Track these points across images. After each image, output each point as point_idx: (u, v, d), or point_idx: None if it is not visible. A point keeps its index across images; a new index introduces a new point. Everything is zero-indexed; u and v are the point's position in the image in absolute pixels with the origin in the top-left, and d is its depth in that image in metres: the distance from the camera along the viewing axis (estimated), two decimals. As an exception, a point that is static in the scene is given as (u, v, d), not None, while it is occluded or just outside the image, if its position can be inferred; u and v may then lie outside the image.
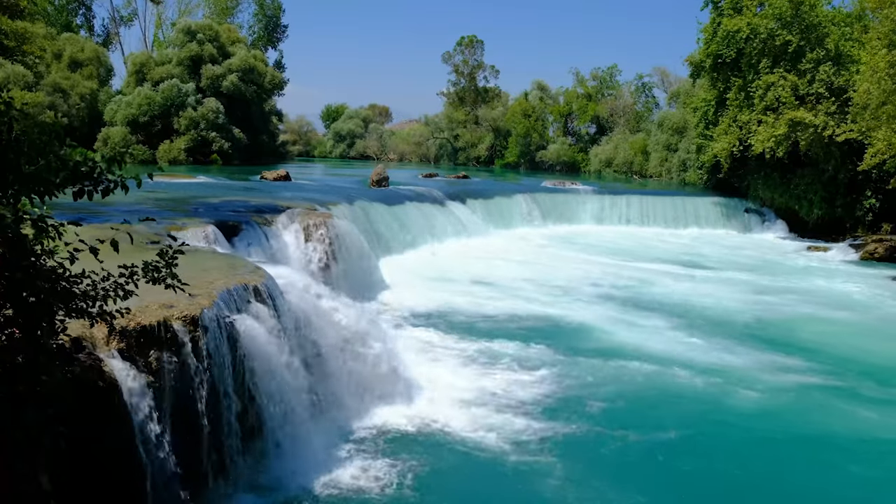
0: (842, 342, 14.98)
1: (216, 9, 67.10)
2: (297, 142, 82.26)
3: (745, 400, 11.32)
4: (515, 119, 67.47)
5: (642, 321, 16.04)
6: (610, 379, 12.02)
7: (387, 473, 8.39)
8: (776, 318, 16.84)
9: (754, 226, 34.28)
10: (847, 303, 19.20)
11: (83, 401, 5.65)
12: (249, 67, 52.30)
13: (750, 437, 10.09)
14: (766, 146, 30.95)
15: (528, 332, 14.56)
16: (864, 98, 25.28)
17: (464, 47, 74.21)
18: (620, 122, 63.51)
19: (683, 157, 47.39)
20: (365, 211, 22.23)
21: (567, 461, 8.92)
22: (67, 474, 5.49)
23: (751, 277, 22.11)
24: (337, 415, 9.56)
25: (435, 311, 15.86)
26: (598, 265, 23.10)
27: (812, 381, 12.34)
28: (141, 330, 6.62)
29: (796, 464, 9.39)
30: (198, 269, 8.68)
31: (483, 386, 11.31)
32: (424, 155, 76.23)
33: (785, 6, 31.09)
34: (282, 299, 9.32)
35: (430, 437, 9.48)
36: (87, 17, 65.08)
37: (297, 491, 7.94)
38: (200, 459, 7.16)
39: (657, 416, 10.60)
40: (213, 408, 7.30)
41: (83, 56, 51.30)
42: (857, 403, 11.40)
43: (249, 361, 7.99)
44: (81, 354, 5.94)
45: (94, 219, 12.57)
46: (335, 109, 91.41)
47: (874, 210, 30.71)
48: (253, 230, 15.10)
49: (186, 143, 48.02)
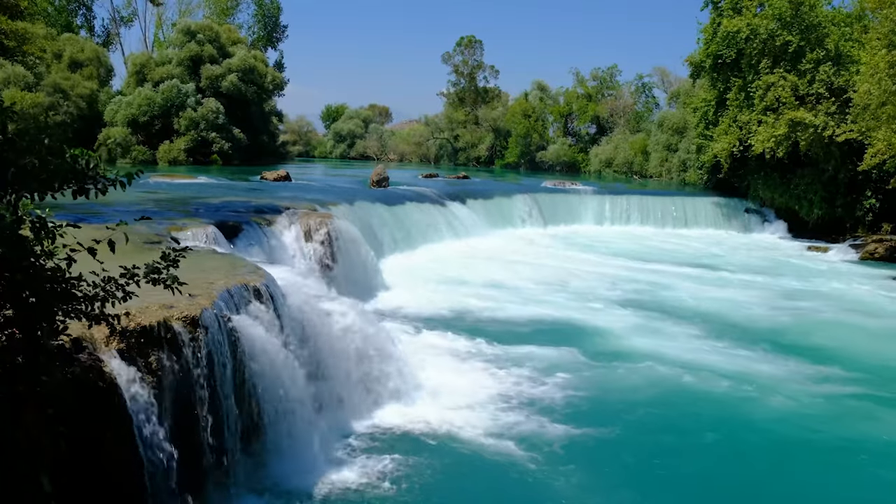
0: (857, 345, 14.90)
1: (216, 9, 67.15)
2: (298, 142, 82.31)
3: (768, 404, 11.19)
4: (515, 119, 67.51)
5: (650, 322, 16.01)
6: (619, 381, 11.97)
7: (387, 474, 8.37)
8: (786, 320, 16.80)
9: (754, 226, 34.28)
10: (857, 305, 19.12)
11: (83, 401, 5.65)
12: (249, 68, 52.31)
13: (772, 441, 9.99)
14: (766, 146, 30.95)
15: (530, 333, 14.56)
16: (864, 98, 25.28)
17: (463, 47, 74.29)
18: (620, 123, 63.54)
19: (683, 158, 47.40)
20: (365, 211, 22.22)
21: (574, 465, 8.85)
22: (68, 475, 5.48)
23: (757, 278, 22.11)
24: (337, 415, 9.55)
25: (435, 311, 15.85)
26: (599, 266, 23.11)
27: (834, 385, 12.22)
28: (141, 330, 6.61)
29: (821, 468, 9.30)
30: (198, 270, 8.68)
31: (485, 387, 11.29)
32: (424, 155, 76.26)
33: (785, 6, 31.09)
34: (282, 300, 9.32)
35: (430, 437, 9.46)
36: (88, 17, 65.15)
37: (297, 491, 7.93)
38: (200, 459, 7.16)
39: (676, 420, 10.53)
40: (213, 408, 7.30)
41: (83, 56, 51.31)
42: (883, 408, 11.31)
43: (249, 361, 7.99)
44: (82, 355, 5.93)
45: (94, 219, 12.58)
46: (335, 109, 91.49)
47: (874, 210, 30.72)
48: (253, 230, 15.10)
49: (186, 143, 48.00)
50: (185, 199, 19.21)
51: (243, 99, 51.96)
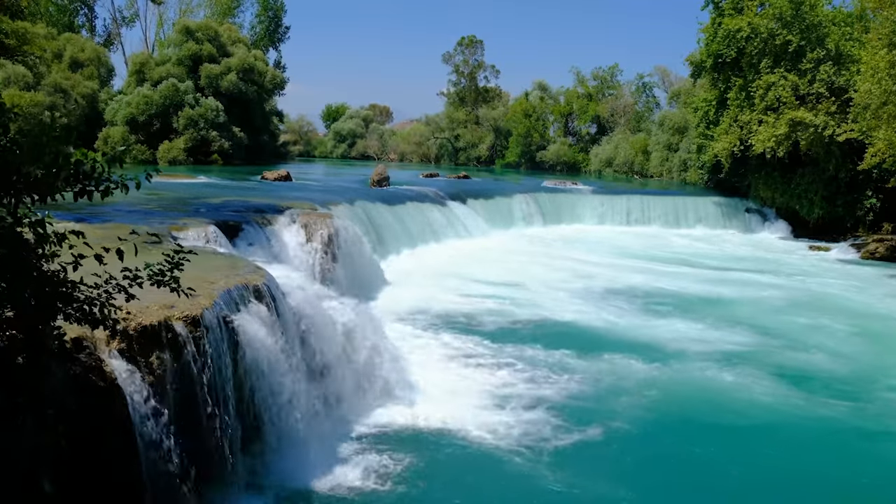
0: (858, 345, 14.90)
1: (217, 9, 67.08)
2: (298, 142, 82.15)
3: (768, 403, 11.22)
4: (516, 119, 67.47)
5: (650, 322, 16.02)
6: (619, 380, 11.97)
7: (388, 473, 8.38)
8: (787, 320, 16.80)
9: (755, 225, 34.29)
10: (857, 305, 19.10)
11: (84, 401, 5.66)
12: (249, 67, 52.21)
13: (773, 439, 10.05)
14: (766, 146, 30.95)
15: (531, 332, 14.56)
16: (864, 98, 25.27)
17: (464, 47, 74.20)
18: (621, 122, 63.52)
19: (684, 157, 47.39)
20: (366, 211, 22.23)
21: (574, 464, 8.87)
22: (69, 475, 5.49)
23: (758, 278, 22.13)
24: (338, 415, 9.56)
25: (435, 311, 15.85)
26: (599, 265, 23.11)
27: (834, 386, 12.22)
28: (142, 330, 6.62)
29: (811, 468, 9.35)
30: (199, 269, 8.66)
31: (485, 386, 11.30)
32: (425, 155, 76.19)
33: (785, 6, 31.08)
34: (282, 299, 9.32)
35: (431, 436, 9.47)
36: (89, 17, 65.12)
37: (297, 491, 7.94)
38: (201, 459, 7.16)
39: (677, 420, 10.55)
40: (213, 408, 7.30)
41: (84, 56, 51.28)
42: (883, 406, 11.34)
43: (250, 361, 8.00)
44: (82, 355, 5.93)
45: (95, 219, 12.59)
46: (336, 109, 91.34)
47: (875, 210, 30.73)
48: (254, 230, 15.11)
49: (186, 142, 47.90)
50: (186, 199, 19.20)
51: (243, 98, 51.89)
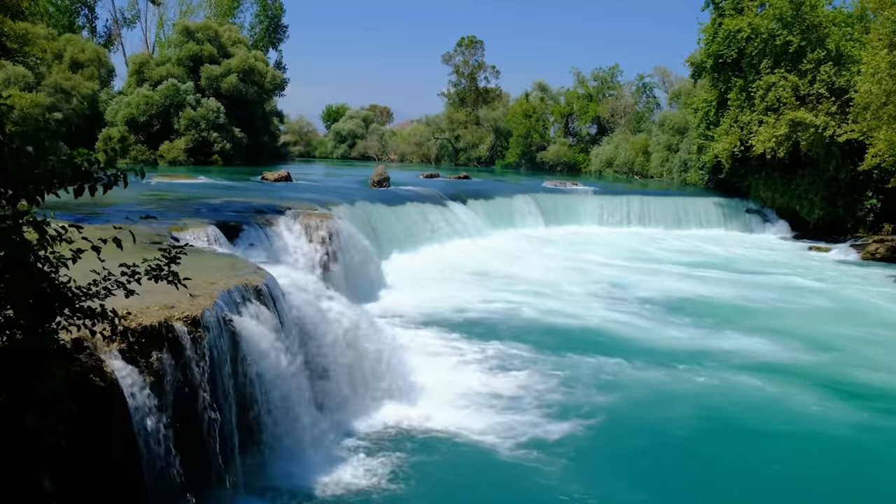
0: (857, 345, 14.90)
1: (217, 10, 67.11)
2: (298, 142, 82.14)
3: (767, 402, 11.25)
4: (516, 119, 67.47)
5: (650, 321, 16.02)
6: (620, 380, 11.98)
7: (388, 473, 8.38)
8: (787, 319, 16.82)
9: (755, 226, 34.29)
10: (858, 305, 19.12)
11: (84, 401, 5.65)
12: (249, 68, 52.22)
13: (774, 439, 10.05)
14: (766, 146, 30.95)
15: (531, 333, 14.56)
16: (865, 98, 25.28)
17: (464, 48, 74.21)
18: (621, 123, 63.50)
19: (684, 158, 47.35)
20: (366, 211, 22.22)
21: (574, 464, 8.86)
22: (69, 475, 5.48)
23: (758, 278, 22.13)
24: (337, 415, 9.55)
25: (436, 311, 15.85)
26: (600, 266, 23.13)
27: (836, 385, 12.23)
28: (142, 330, 6.61)
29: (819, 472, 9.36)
30: (199, 270, 8.67)
31: (485, 386, 11.30)
32: (425, 155, 76.18)
33: (786, 6, 31.09)
34: (283, 300, 9.32)
35: (430, 436, 9.47)
36: (90, 18, 65.12)
37: (297, 491, 7.93)
38: (201, 460, 7.16)
39: (677, 419, 10.52)
40: (213, 408, 7.30)
41: (84, 57, 51.28)
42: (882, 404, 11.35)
43: (250, 362, 7.99)
44: (82, 355, 5.93)
45: (95, 219, 12.59)
46: (336, 110, 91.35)
47: (875, 210, 30.75)
48: (254, 230, 15.10)
49: (187, 143, 47.91)
50: (186, 199, 19.20)
51: (244, 99, 51.89)
